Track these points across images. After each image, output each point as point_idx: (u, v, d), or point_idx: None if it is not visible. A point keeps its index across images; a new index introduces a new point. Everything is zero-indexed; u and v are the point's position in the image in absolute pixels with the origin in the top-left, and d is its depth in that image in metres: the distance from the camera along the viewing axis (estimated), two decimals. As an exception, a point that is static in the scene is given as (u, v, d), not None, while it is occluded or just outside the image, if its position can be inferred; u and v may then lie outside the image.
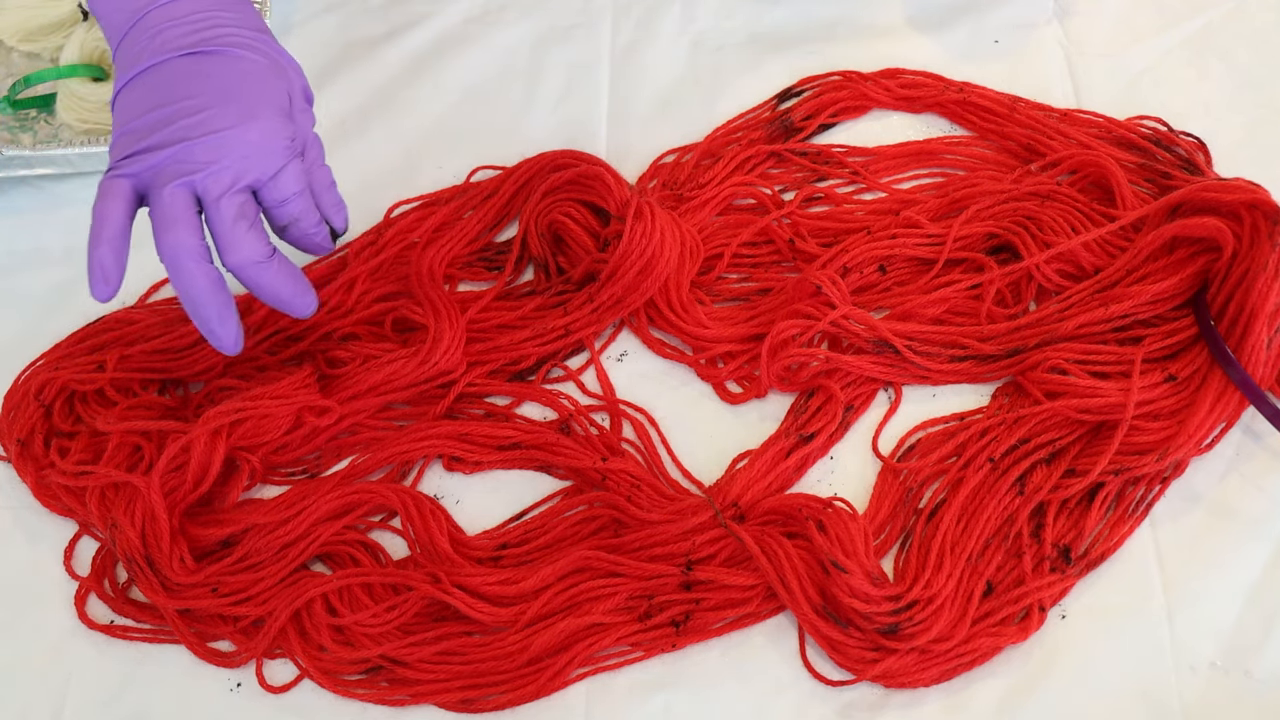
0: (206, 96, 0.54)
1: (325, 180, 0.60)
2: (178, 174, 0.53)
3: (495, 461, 0.62)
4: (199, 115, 0.54)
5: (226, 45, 0.56)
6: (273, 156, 0.55)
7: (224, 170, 0.53)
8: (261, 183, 0.55)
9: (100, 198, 0.54)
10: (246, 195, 0.54)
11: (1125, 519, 0.57)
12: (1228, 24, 0.74)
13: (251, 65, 0.56)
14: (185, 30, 0.56)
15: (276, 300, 0.57)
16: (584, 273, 0.64)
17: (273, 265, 0.55)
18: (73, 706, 0.57)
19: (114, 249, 0.53)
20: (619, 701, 0.55)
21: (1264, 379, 0.58)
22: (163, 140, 0.53)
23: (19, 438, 0.62)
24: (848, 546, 0.54)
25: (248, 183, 0.54)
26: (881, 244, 0.64)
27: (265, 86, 0.56)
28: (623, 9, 0.78)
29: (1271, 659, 0.54)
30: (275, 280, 0.56)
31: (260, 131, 0.54)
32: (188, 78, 0.55)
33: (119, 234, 0.53)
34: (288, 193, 0.56)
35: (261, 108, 0.55)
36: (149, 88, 0.55)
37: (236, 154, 0.53)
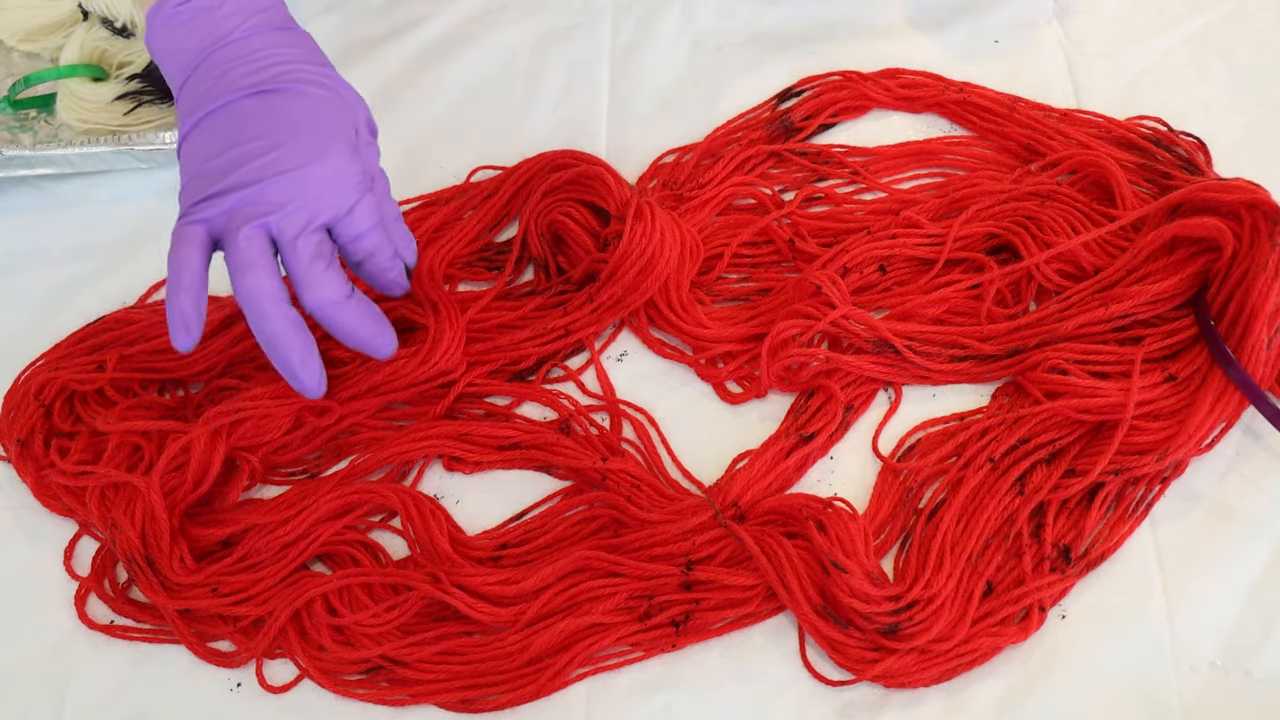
0: (275, 136, 0.54)
1: (394, 213, 0.59)
2: (252, 216, 0.52)
3: (495, 461, 0.62)
4: (269, 155, 0.53)
5: (291, 82, 0.55)
6: (345, 193, 0.54)
7: (298, 210, 0.53)
8: (336, 220, 0.54)
9: (175, 245, 0.53)
10: (322, 234, 0.54)
11: (1125, 519, 0.57)
12: (1228, 24, 0.74)
13: (318, 101, 0.56)
14: (249, 69, 0.55)
15: (355, 340, 0.56)
16: (584, 273, 0.64)
17: (351, 304, 0.55)
18: (73, 706, 0.57)
19: (193, 297, 0.52)
20: (619, 701, 0.55)
21: (1264, 379, 0.58)
22: (235, 183, 0.53)
23: (19, 438, 0.62)
24: (848, 546, 0.54)
25: (323, 221, 0.54)
26: (881, 244, 0.64)
27: (333, 122, 0.55)
28: (623, 9, 0.78)
29: (1271, 659, 0.54)
30: (354, 319, 0.55)
31: (332, 169, 0.54)
32: (256, 118, 0.54)
33: (197, 281, 0.52)
34: (362, 228, 0.55)
35: (331, 144, 0.54)
36: (217, 130, 0.55)
37: (310, 193, 0.53)
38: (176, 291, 0.52)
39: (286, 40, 0.57)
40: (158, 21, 0.57)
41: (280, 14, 0.58)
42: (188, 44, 0.56)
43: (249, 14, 0.57)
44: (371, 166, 0.57)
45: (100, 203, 0.72)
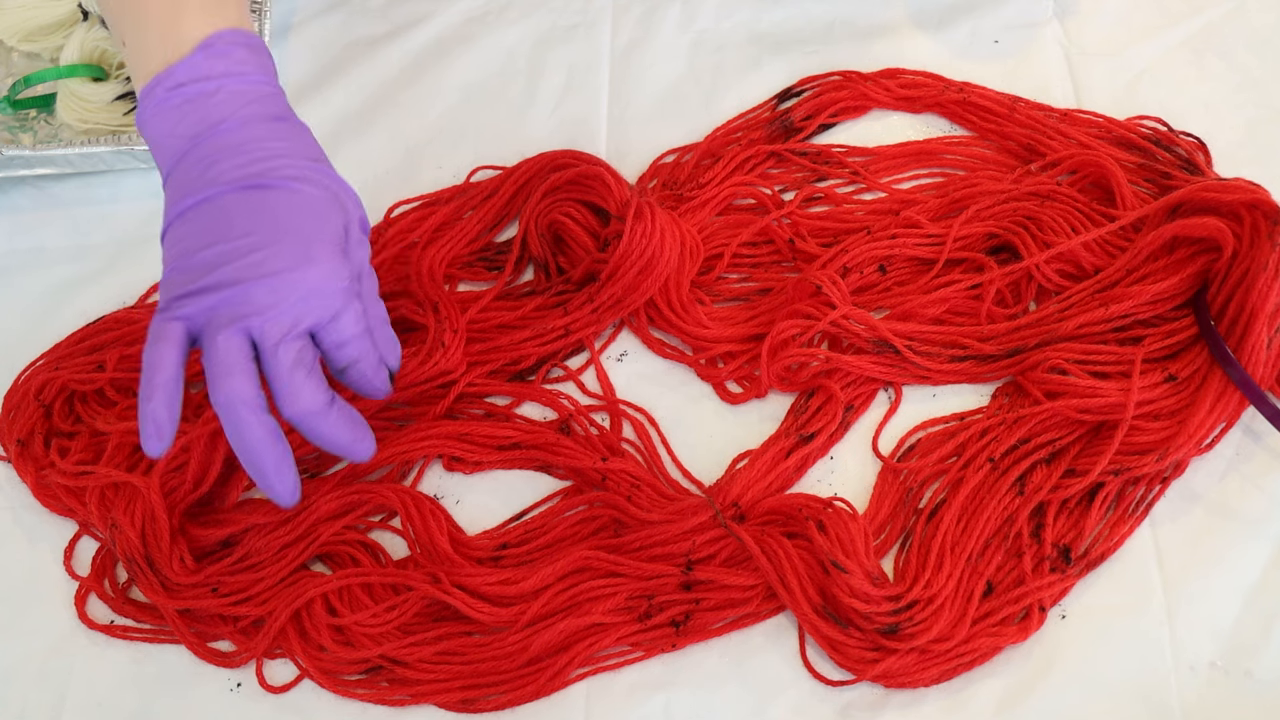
0: (263, 235, 0.51)
1: (380, 316, 0.57)
2: (234, 318, 0.50)
3: (495, 461, 0.62)
4: (255, 255, 0.51)
5: (283, 178, 0.53)
6: (332, 298, 0.52)
7: (282, 315, 0.51)
8: (320, 326, 0.52)
9: (152, 342, 0.51)
10: (305, 340, 0.52)
11: (1125, 519, 0.57)
12: (1228, 24, 0.74)
13: (308, 199, 0.53)
14: (240, 161, 0.53)
15: (334, 447, 0.53)
16: (584, 273, 0.64)
17: (332, 413, 0.52)
18: (73, 706, 0.57)
19: (168, 400, 0.50)
20: (619, 701, 0.55)
21: (1264, 379, 0.58)
22: (218, 281, 0.51)
23: (19, 438, 0.62)
24: (848, 546, 0.54)
25: (306, 326, 0.52)
26: (881, 244, 0.64)
27: (323, 222, 0.53)
28: (623, 9, 0.78)
29: (1271, 659, 0.54)
30: (334, 429, 0.53)
31: (319, 273, 0.52)
32: (243, 214, 0.52)
33: (172, 383, 0.50)
34: (347, 335, 0.53)
35: (320, 247, 0.52)
36: (203, 223, 0.52)
37: (295, 297, 0.51)
38: (150, 394, 0.50)
39: (281, 132, 0.55)
40: (150, 104, 0.54)
41: (277, 103, 0.56)
42: (179, 129, 0.54)
43: (244, 102, 0.54)
44: (361, 268, 0.55)
45: (100, 203, 0.72)
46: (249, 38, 0.56)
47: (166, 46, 0.54)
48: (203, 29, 0.54)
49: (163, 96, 0.54)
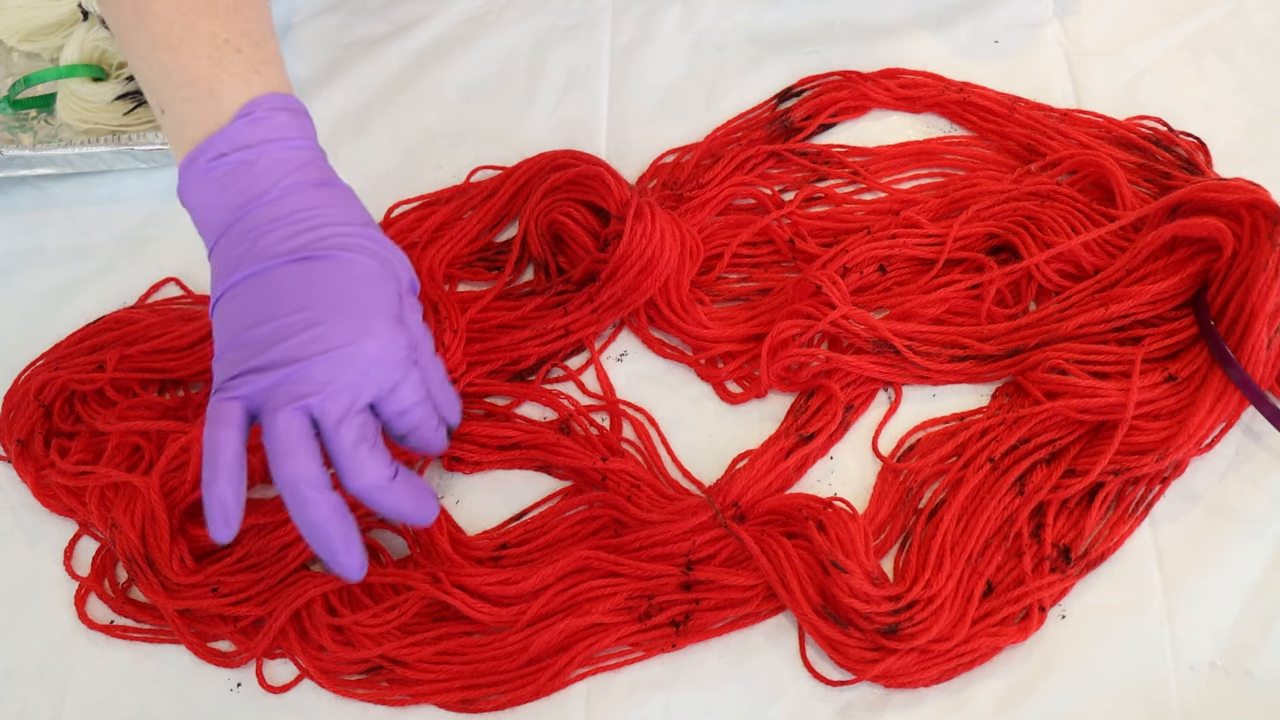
0: (318, 309, 0.50)
1: (438, 376, 0.56)
2: (293, 396, 0.49)
3: (495, 461, 0.62)
4: (311, 331, 0.50)
5: (333, 248, 0.52)
6: (391, 370, 0.51)
7: (342, 391, 0.50)
8: (381, 398, 0.51)
9: (211, 424, 0.50)
10: (366, 414, 0.51)
11: (1125, 519, 0.57)
12: (1228, 24, 0.74)
13: (361, 268, 0.52)
14: (288, 232, 0.52)
15: (397, 516, 0.53)
16: (584, 273, 0.64)
17: (396, 485, 0.51)
18: (73, 706, 0.57)
19: (233, 483, 0.49)
20: (619, 701, 0.55)
21: (1264, 379, 0.58)
22: (275, 359, 0.49)
23: (19, 438, 0.62)
24: (848, 546, 0.54)
25: (367, 401, 0.51)
26: (881, 244, 0.64)
27: (377, 292, 0.52)
28: (623, 9, 0.78)
29: (1271, 659, 0.54)
30: (398, 500, 0.52)
31: (377, 345, 0.50)
32: (296, 288, 0.51)
33: (235, 465, 0.49)
34: (407, 403, 0.52)
35: (376, 318, 0.51)
36: (254, 298, 0.51)
37: (354, 372, 0.50)
38: (215, 478, 0.48)
39: (326, 198, 0.53)
40: (190, 175, 0.53)
41: (320, 168, 0.55)
42: (221, 200, 0.52)
43: (287, 170, 0.53)
44: (416, 332, 0.54)
45: (100, 203, 0.72)
46: (289, 101, 0.55)
47: (206, 115, 0.53)
48: (242, 95, 0.53)
49: (204, 168, 0.53)
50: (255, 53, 0.55)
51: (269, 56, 0.56)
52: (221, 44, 0.54)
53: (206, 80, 0.53)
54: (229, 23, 0.54)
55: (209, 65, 0.53)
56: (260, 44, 0.55)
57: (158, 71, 0.54)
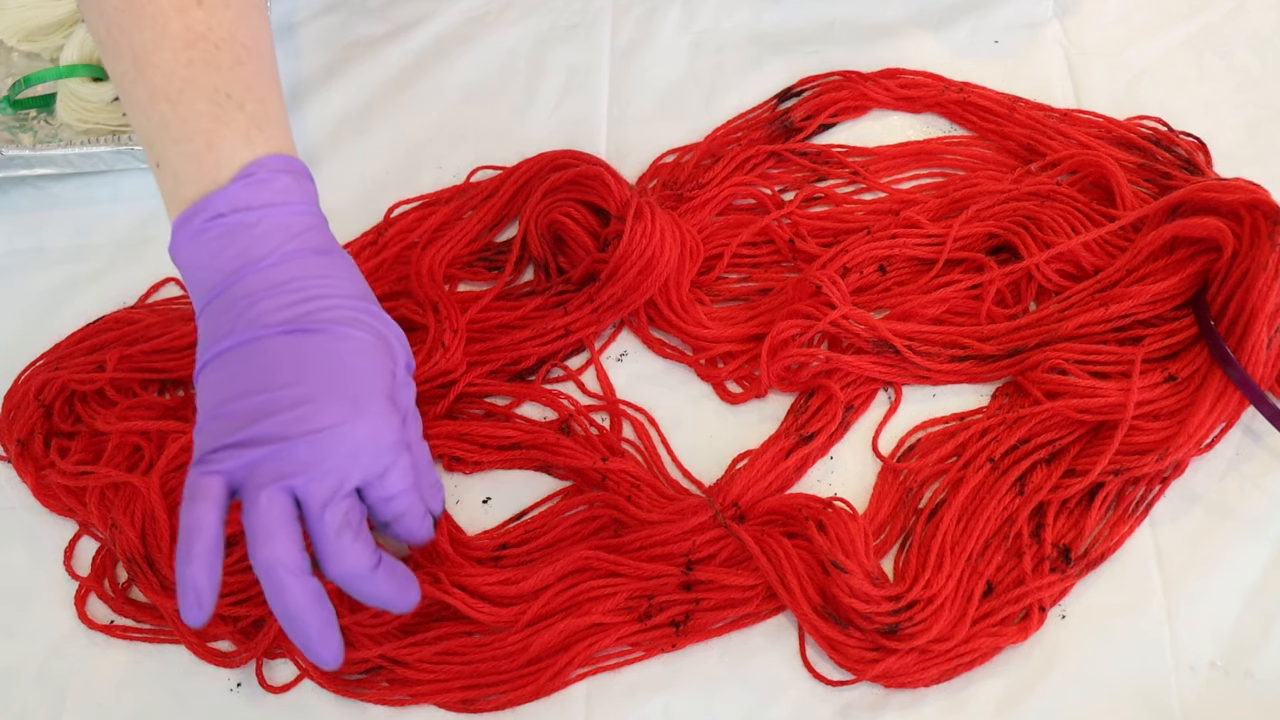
0: (309, 385, 0.48)
1: (425, 458, 0.53)
2: (277, 475, 0.47)
3: (495, 461, 0.62)
4: (300, 409, 0.48)
5: (329, 321, 0.50)
6: (381, 453, 0.49)
7: (328, 473, 0.48)
8: (368, 482, 0.49)
9: (190, 499, 0.47)
10: (352, 499, 0.49)
11: (1125, 519, 0.57)
12: (1228, 24, 0.74)
13: (356, 345, 0.50)
14: (284, 302, 0.50)
15: (377, 603, 0.50)
16: (584, 273, 0.64)
17: (379, 574, 0.49)
18: (73, 706, 0.57)
19: (208, 565, 0.46)
20: (619, 701, 0.55)
21: (1264, 379, 0.58)
22: (260, 435, 0.47)
23: (19, 438, 0.62)
24: (848, 546, 0.54)
25: (354, 484, 0.49)
26: (881, 244, 0.64)
27: (371, 371, 0.50)
28: (623, 9, 0.78)
29: (1271, 659, 0.54)
30: (379, 588, 0.49)
31: (368, 428, 0.48)
32: (287, 361, 0.49)
33: (212, 546, 0.47)
34: (395, 490, 0.50)
35: (369, 398, 0.49)
36: (243, 368, 0.49)
37: (342, 454, 0.48)
38: (189, 559, 0.46)
39: (326, 268, 0.51)
40: (185, 233, 0.51)
41: (321, 235, 0.53)
42: (216, 262, 0.50)
43: (287, 236, 0.51)
44: (407, 410, 0.52)
45: (100, 203, 0.72)
46: (291, 163, 0.53)
47: (204, 173, 0.51)
48: (244, 154, 0.51)
49: (200, 227, 0.51)
50: (258, 109, 0.53)
51: (273, 114, 0.54)
52: (224, 99, 0.52)
53: (206, 136, 0.51)
54: (232, 77, 0.53)
55: (209, 120, 0.51)
56: (264, 100, 0.53)
57: (156, 124, 0.52)
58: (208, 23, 0.53)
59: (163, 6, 0.52)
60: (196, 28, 0.52)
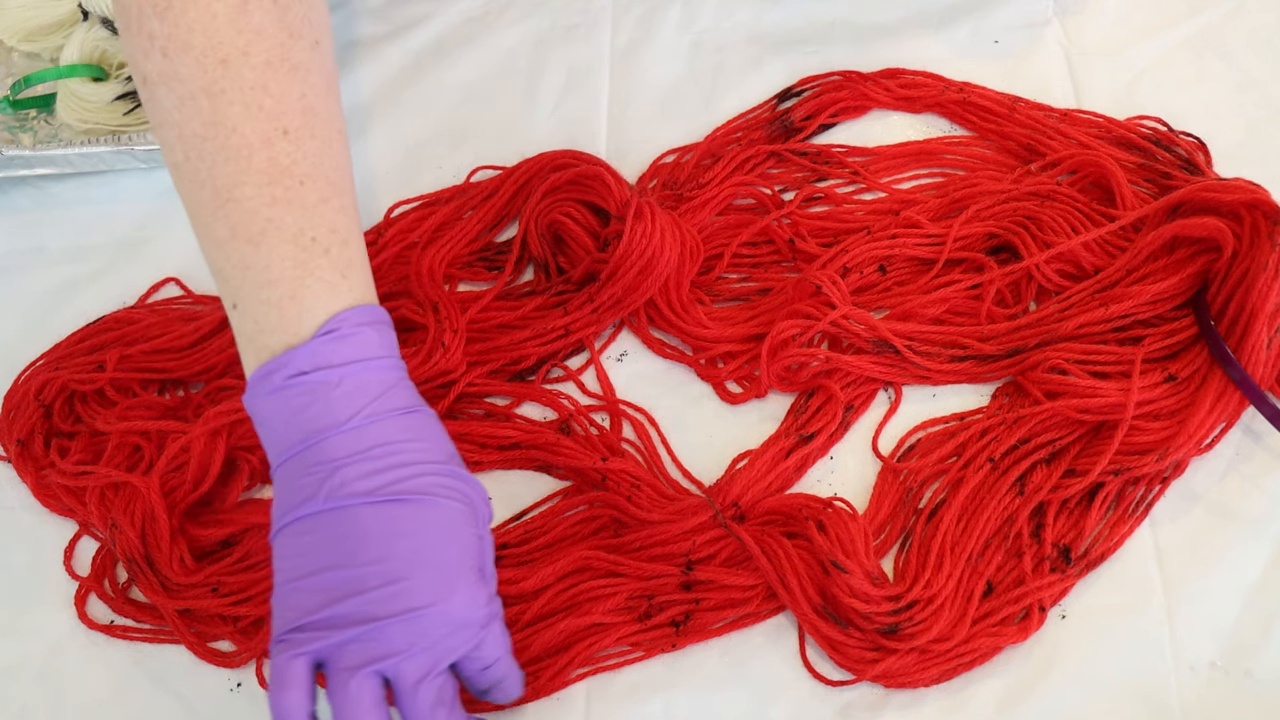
0: (399, 561, 0.46)
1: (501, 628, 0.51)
2: (369, 658, 0.45)
3: (495, 461, 0.62)
4: (392, 587, 0.46)
5: (418, 491, 0.48)
6: (475, 630, 0.47)
7: (422, 654, 0.46)
8: (464, 657, 0.48)
9: (278, 686, 0.45)
10: (446, 676, 0.47)
11: (1125, 519, 0.57)
12: (1228, 24, 0.74)
13: (446, 514, 0.48)
14: (370, 469, 0.47)
15: None
16: (584, 273, 0.64)
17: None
18: (73, 706, 0.57)
19: None
20: (619, 701, 0.55)
21: (1264, 379, 0.58)
22: (349, 615, 0.46)
23: (19, 438, 0.62)
24: (848, 546, 0.54)
25: (448, 663, 0.47)
26: (881, 244, 0.64)
27: (462, 542, 0.48)
28: (623, 9, 0.78)
29: (1271, 659, 0.54)
30: None
31: (462, 606, 0.47)
32: (376, 535, 0.47)
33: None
34: (491, 659, 0.49)
35: (460, 574, 0.47)
36: (327, 537, 0.47)
37: (436, 635, 0.46)
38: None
39: (411, 430, 0.49)
40: (264, 387, 0.49)
41: (406, 394, 0.51)
42: (297, 420, 0.48)
43: (371, 396, 0.49)
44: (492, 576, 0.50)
45: (100, 203, 0.72)
46: (376, 313, 0.51)
47: (286, 323, 0.49)
48: (329, 305, 0.49)
49: (281, 383, 0.49)
50: (342, 253, 0.50)
51: (355, 258, 0.51)
52: (309, 243, 0.50)
53: (290, 284, 0.49)
54: (317, 217, 0.50)
55: (293, 267, 0.49)
56: (347, 242, 0.51)
57: (235, 264, 0.50)
58: (293, 155, 0.50)
59: (249, 138, 0.49)
60: (282, 160, 0.50)
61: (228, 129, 0.49)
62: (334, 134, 0.52)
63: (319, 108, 0.51)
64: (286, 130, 0.50)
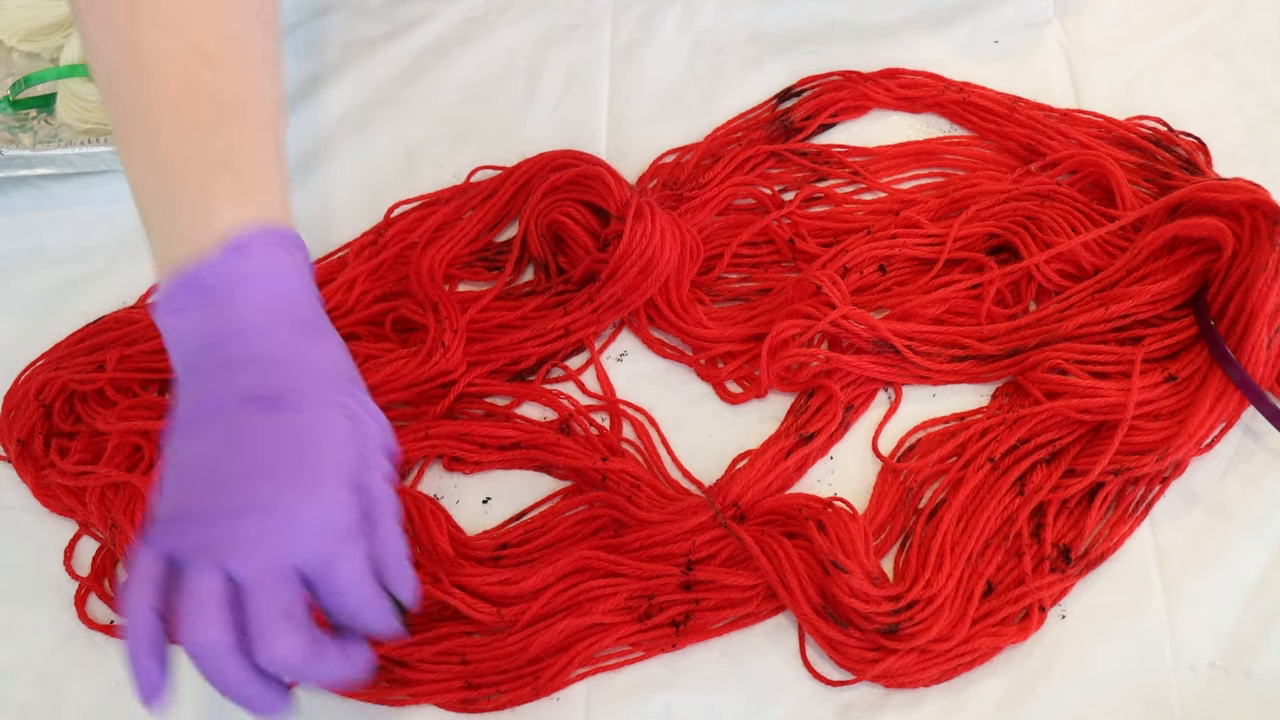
0: (265, 461, 0.46)
1: (394, 550, 0.49)
2: (213, 553, 0.45)
3: (495, 461, 0.62)
4: (251, 485, 0.45)
5: (301, 400, 0.47)
6: (328, 539, 0.46)
7: (266, 553, 0.45)
8: (317, 574, 0.46)
9: (130, 581, 0.45)
10: (291, 583, 0.45)
11: (1125, 519, 0.57)
12: (1228, 24, 0.74)
13: (324, 425, 0.48)
14: (258, 377, 0.48)
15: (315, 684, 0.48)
16: (584, 273, 0.64)
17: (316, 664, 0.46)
18: (73, 706, 0.57)
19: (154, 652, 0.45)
20: (619, 701, 0.55)
21: (1264, 379, 0.58)
22: (208, 509, 0.45)
23: (19, 438, 0.62)
24: (848, 546, 0.54)
25: (293, 567, 0.45)
26: (881, 244, 0.64)
27: (335, 453, 0.47)
28: (623, 9, 0.78)
29: (1271, 659, 0.54)
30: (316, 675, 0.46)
31: (318, 511, 0.45)
32: (248, 436, 0.47)
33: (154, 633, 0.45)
34: (346, 584, 0.46)
35: (325, 481, 0.46)
36: (205, 437, 0.47)
37: (284, 534, 0.45)
38: (136, 647, 0.44)
39: (309, 345, 0.50)
40: (168, 299, 0.50)
41: (310, 310, 0.51)
42: (198, 329, 0.49)
43: (273, 310, 0.49)
44: (377, 500, 0.48)
45: (100, 203, 0.72)
46: (285, 235, 0.51)
47: (193, 236, 0.49)
48: (236, 219, 0.49)
49: (184, 296, 0.49)
50: (256, 176, 0.51)
51: (271, 184, 0.52)
52: (220, 165, 0.50)
53: (200, 198, 0.49)
54: (232, 141, 0.51)
55: (201, 186, 0.50)
56: (263, 167, 0.51)
57: (148, 181, 0.51)
58: (211, 81, 0.51)
59: (165, 60, 0.50)
60: (197, 84, 0.50)
61: (145, 50, 0.50)
62: (257, 61, 0.53)
63: (241, 33, 0.52)
64: (205, 54, 0.51)
